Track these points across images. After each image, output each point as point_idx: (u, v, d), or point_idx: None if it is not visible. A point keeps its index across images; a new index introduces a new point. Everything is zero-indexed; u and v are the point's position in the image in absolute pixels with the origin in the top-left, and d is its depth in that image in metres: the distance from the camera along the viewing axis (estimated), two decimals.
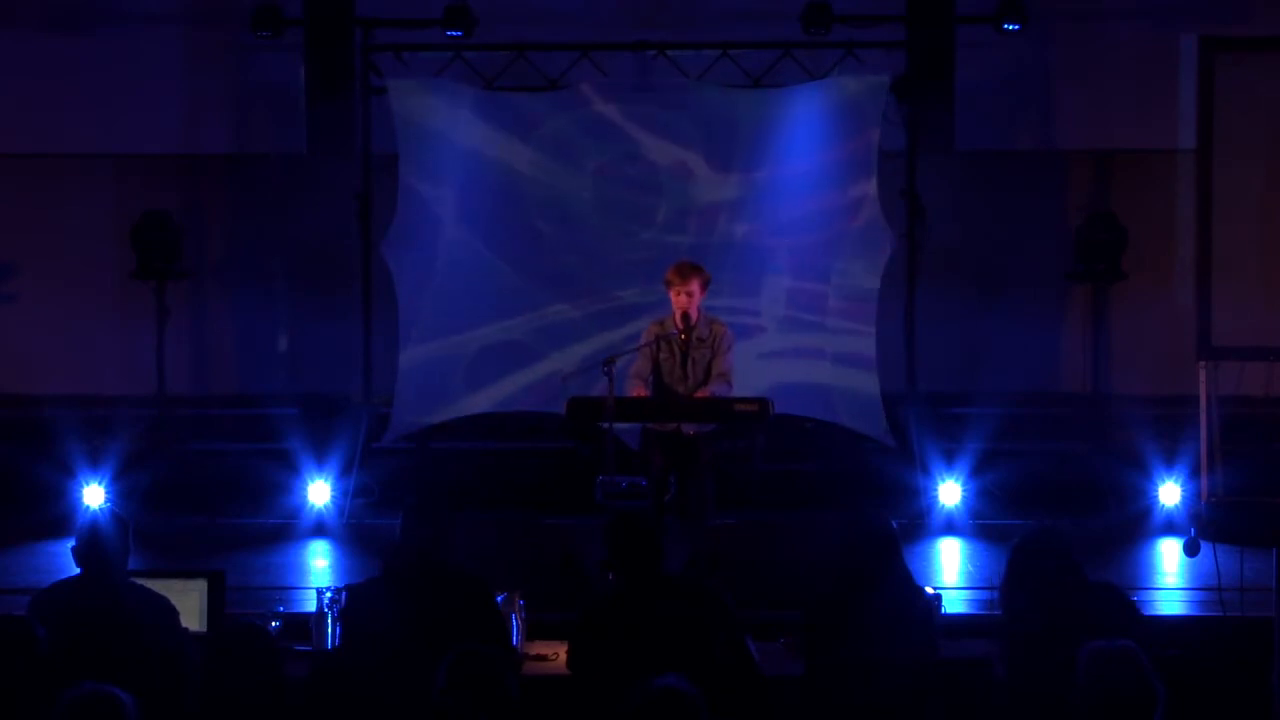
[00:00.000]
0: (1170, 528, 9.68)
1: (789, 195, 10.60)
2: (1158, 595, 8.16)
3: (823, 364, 10.59)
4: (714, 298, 8.70)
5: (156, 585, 5.99)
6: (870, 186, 10.51)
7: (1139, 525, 9.74)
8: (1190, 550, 7.76)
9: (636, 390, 8.28)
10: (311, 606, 6.81)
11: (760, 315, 10.57)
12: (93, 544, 5.83)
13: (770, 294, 10.61)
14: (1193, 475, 9.64)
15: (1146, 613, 7.42)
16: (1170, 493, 9.83)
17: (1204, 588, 7.92)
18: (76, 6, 11.68)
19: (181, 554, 8.77)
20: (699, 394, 8.34)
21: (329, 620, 6.55)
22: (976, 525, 9.83)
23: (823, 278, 10.60)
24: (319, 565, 9.25)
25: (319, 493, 10.05)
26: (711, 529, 8.09)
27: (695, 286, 8.38)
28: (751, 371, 10.04)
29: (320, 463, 10.16)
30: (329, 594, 6.59)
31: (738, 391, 8.53)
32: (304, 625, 6.62)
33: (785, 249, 10.62)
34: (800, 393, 10.46)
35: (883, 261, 10.49)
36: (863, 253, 10.54)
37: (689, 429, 8.34)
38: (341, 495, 10.08)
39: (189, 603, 6.33)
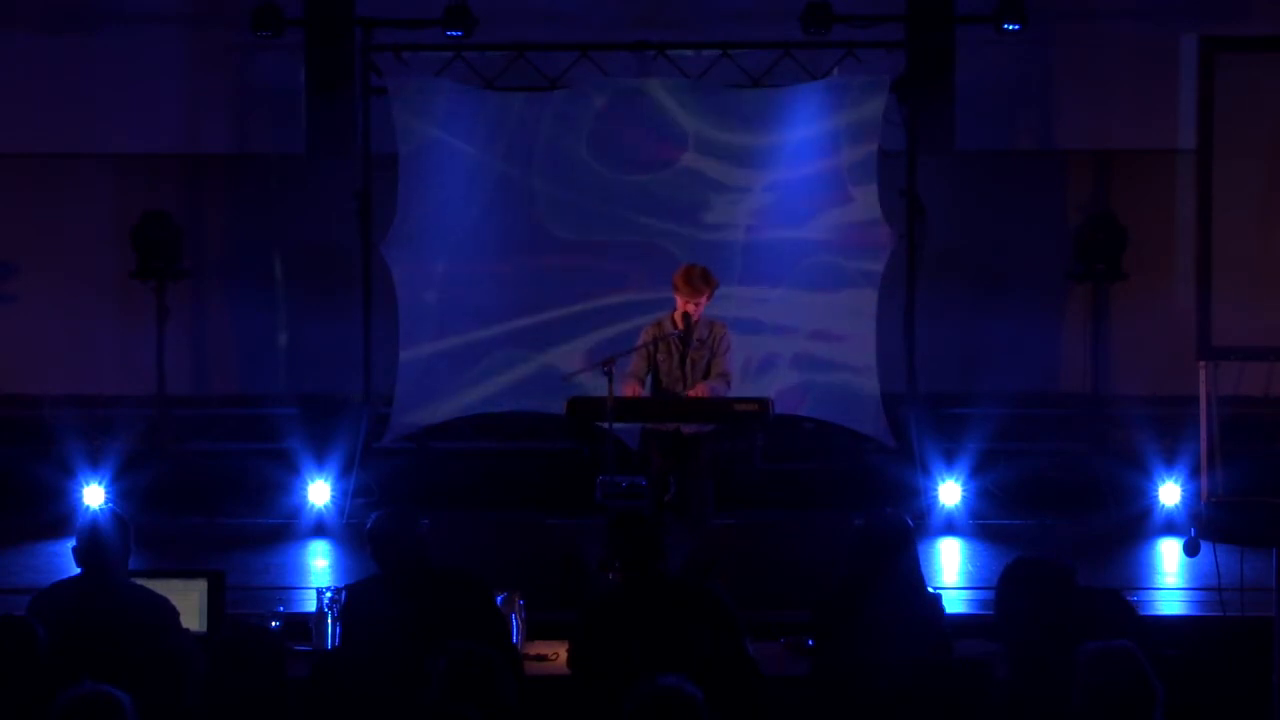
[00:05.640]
0: (1170, 528, 9.68)
1: (789, 195, 10.59)
2: (1158, 595, 8.16)
3: (822, 364, 10.59)
4: (712, 298, 8.68)
5: (156, 585, 5.99)
6: (870, 186, 10.50)
7: (1139, 525, 9.74)
8: (1190, 550, 7.76)
9: (631, 390, 8.26)
10: (311, 606, 6.80)
11: (760, 315, 10.55)
12: (93, 544, 5.83)
13: (769, 293, 10.60)
14: (1193, 475, 9.65)
15: (1147, 613, 7.45)
16: (1170, 493, 9.83)
17: (1204, 588, 7.92)
18: (76, 6, 11.68)
19: (181, 554, 8.77)
20: (694, 390, 8.33)
21: (329, 620, 6.54)
22: (976, 525, 9.83)
23: (822, 278, 10.60)
24: (319, 565, 9.25)
25: (319, 493, 10.05)
26: (711, 529, 8.09)
27: (704, 296, 8.39)
28: (751, 371, 10.06)
29: (320, 463, 10.16)
30: (329, 594, 6.59)
31: (737, 392, 8.53)
32: (304, 625, 6.61)
33: (785, 248, 10.62)
34: (800, 393, 10.47)
35: (883, 262, 10.48)
36: (863, 253, 10.54)
37: (687, 429, 8.35)
38: (341, 495, 10.08)
39: (189, 603, 6.33)
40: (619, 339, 9.96)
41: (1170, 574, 8.83)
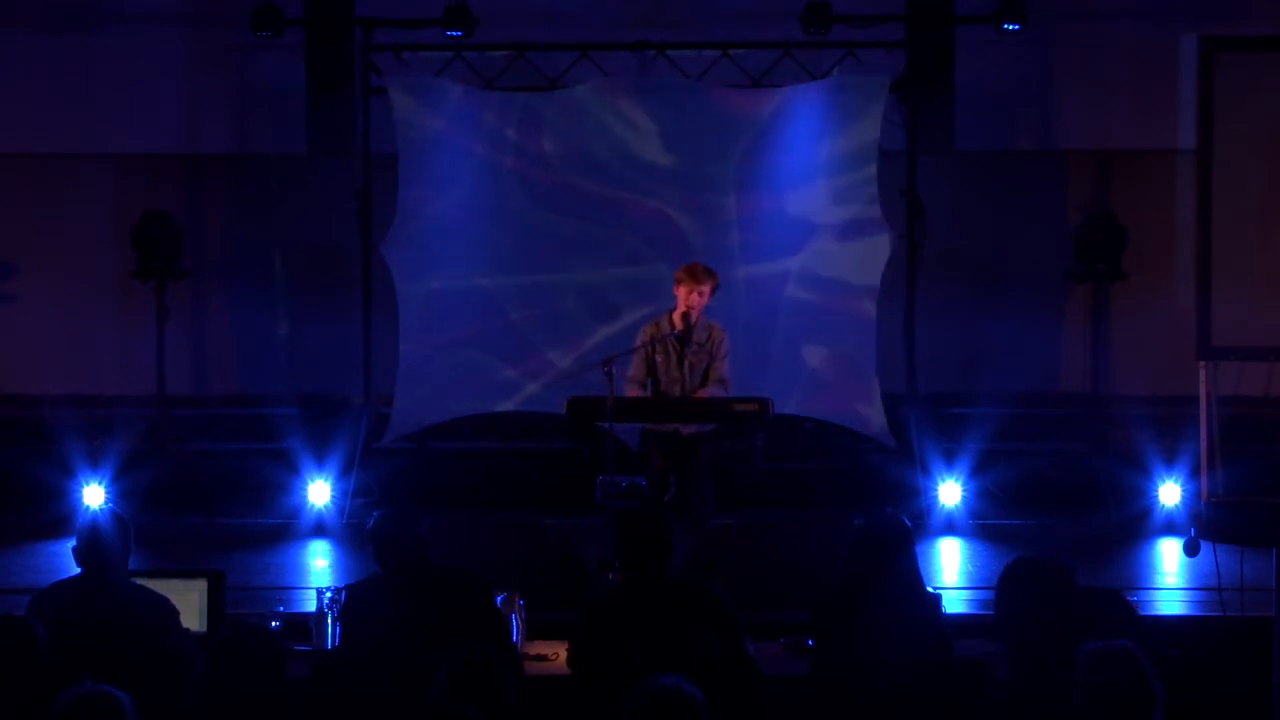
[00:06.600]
0: (1170, 528, 9.68)
1: (788, 195, 10.59)
2: (1158, 595, 8.16)
3: (823, 364, 10.59)
4: (713, 297, 8.69)
5: (156, 585, 6.00)
6: (870, 186, 10.50)
7: (1139, 525, 9.74)
8: (1190, 550, 7.77)
9: (633, 395, 8.28)
10: (311, 606, 6.81)
11: (759, 314, 10.55)
12: (93, 544, 5.83)
13: (770, 293, 10.60)
14: (1193, 475, 9.65)
15: (1147, 613, 7.45)
16: (1170, 493, 9.83)
17: (1204, 588, 7.92)
18: (76, 6, 11.68)
19: (181, 554, 8.77)
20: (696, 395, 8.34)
21: (329, 620, 6.55)
22: (976, 525, 9.83)
23: (822, 277, 10.60)
24: (319, 565, 9.25)
25: (319, 493, 10.04)
26: (711, 529, 8.09)
27: (707, 288, 8.40)
28: (751, 372, 10.05)
29: (320, 463, 10.16)
30: (329, 594, 6.60)
31: (736, 392, 8.53)
32: (304, 625, 6.62)
33: (785, 249, 10.61)
34: (800, 392, 10.46)
35: (883, 261, 10.48)
36: (863, 253, 10.53)
37: (687, 429, 8.35)
38: (341, 495, 10.08)
39: (189, 603, 6.33)
40: (620, 338, 9.95)
41: (1170, 574, 8.83)
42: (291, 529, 9.91)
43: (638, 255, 10.63)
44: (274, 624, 6.51)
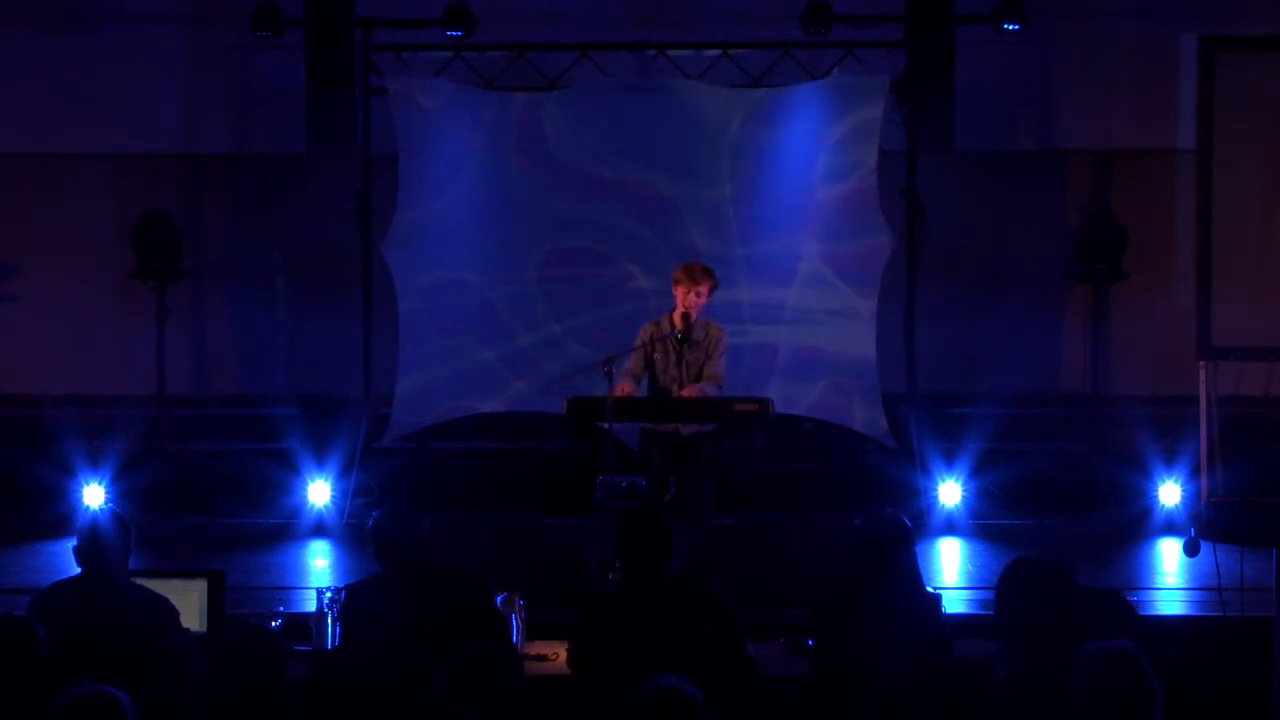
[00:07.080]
0: (1170, 528, 9.68)
1: (789, 195, 10.59)
2: (1158, 595, 8.16)
3: (822, 364, 10.59)
4: (712, 296, 8.69)
5: (156, 585, 6.00)
6: (870, 186, 10.49)
7: (1139, 525, 9.74)
8: (1190, 550, 7.77)
9: (624, 387, 8.23)
10: (311, 606, 6.82)
11: (759, 314, 10.55)
12: (93, 544, 5.84)
13: (769, 294, 10.60)
14: (1193, 475, 9.66)
15: (1147, 613, 7.45)
16: (1170, 493, 9.83)
17: (1204, 588, 7.92)
18: (76, 6, 11.68)
19: (181, 554, 8.78)
20: (685, 390, 8.33)
21: (329, 620, 6.55)
22: (976, 525, 9.83)
23: (822, 277, 10.59)
24: (319, 565, 9.25)
25: (319, 493, 10.05)
26: (711, 529, 8.10)
27: (705, 288, 8.40)
28: (751, 372, 10.06)
29: (320, 463, 10.16)
30: (329, 594, 6.60)
31: (736, 393, 8.53)
32: (304, 625, 6.62)
33: (784, 249, 10.61)
34: (800, 393, 10.46)
35: (883, 261, 10.48)
36: (863, 253, 10.53)
37: (687, 429, 8.35)
38: (341, 495, 10.08)
39: (189, 603, 6.34)
40: (620, 338, 9.94)
41: (1170, 574, 8.83)
42: (291, 529, 9.91)
43: (638, 255, 10.63)
44: (274, 624, 6.52)
